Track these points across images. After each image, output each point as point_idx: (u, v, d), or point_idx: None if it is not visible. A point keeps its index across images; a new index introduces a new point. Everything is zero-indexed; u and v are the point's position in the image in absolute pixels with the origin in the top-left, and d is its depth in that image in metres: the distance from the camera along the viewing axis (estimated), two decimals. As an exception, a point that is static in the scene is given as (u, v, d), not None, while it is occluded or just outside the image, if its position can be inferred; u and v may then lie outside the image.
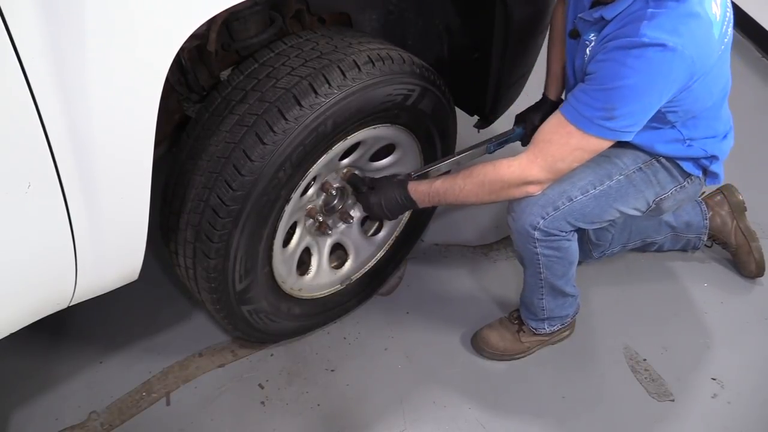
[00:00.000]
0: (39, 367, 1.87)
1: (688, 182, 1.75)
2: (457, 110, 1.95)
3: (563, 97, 1.86)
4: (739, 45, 3.26)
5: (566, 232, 1.69)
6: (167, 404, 1.82)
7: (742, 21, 3.30)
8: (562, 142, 1.51)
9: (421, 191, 1.71)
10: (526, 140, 1.91)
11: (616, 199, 1.69)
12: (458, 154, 1.84)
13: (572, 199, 1.64)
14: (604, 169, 1.67)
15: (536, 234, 1.67)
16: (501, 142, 1.88)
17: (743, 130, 2.68)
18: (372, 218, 1.93)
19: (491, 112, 2.00)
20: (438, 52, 1.97)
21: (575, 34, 1.60)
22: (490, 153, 1.88)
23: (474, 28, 1.88)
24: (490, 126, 2.08)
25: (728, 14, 1.53)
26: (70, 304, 1.42)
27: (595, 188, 1.66)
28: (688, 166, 1.71)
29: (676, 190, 1.74)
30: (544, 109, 1.89)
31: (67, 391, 1.82)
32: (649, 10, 1.39)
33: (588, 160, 1.55)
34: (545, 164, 1.54)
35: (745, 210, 2.20)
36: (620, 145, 1.63)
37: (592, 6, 1.52)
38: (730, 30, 1.54)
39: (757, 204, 2.29)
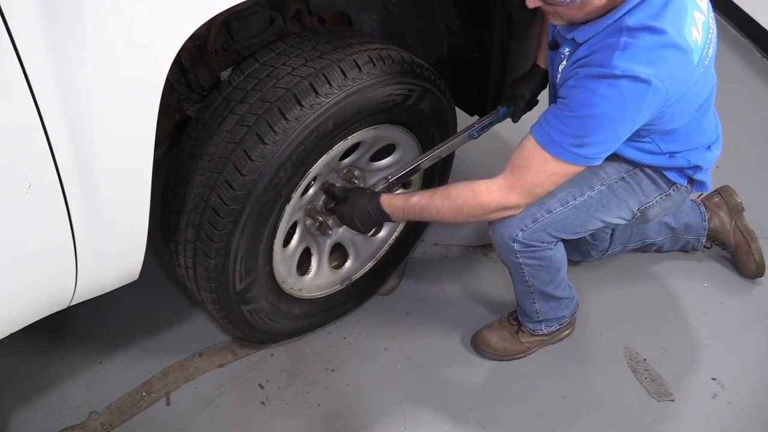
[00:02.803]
0: (39, 367, 1.87)
1: (673, 190, 1.73)
2: (457, 110, 1.95)
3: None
4: (739, 45, 3.26)
5: (547, 243, 1.68)
6: (167, 404, 1.82)
7: (742, 21, 3.29)
8: (538, 169, 1.50)
9: (395, 206, 1.66)
10: (516, 117, 1.86)
11: (598, 210, 1.68)
12: (438, 148, 1.79)
13: (551, 211, 1.64)
14: (586, 179, 1.66)
15: (515, 246, 1.67)
16: (485, 126, 1.83)
17: (743, 130, 2.70)
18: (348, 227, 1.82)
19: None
20: (438, 52, 1.97)
21: (555, 45, 1.59)
22: (474, 138, 1.84)
23: (474, 28, 1.88)
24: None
25: (711, 34, 1.50)
26: (70, 304, 1.42)
27: (575, 199, 1.66)
28: (672, 176, 1.69)
29: (661, 198, 1.73)
30: (535, 78, 1.83)
31: (67, 391, 1.82)
32: (623, 39, 1.36)
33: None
34: (523, 191, 1.54)
35: (743, 211, 2.19)
36: None
37: (571, 26, 1.50)
38: (712, 49, 1.52)
39: (758, 204, 2.29)
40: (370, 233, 2.00)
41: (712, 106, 1.67)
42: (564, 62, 1.52)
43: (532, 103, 1.89)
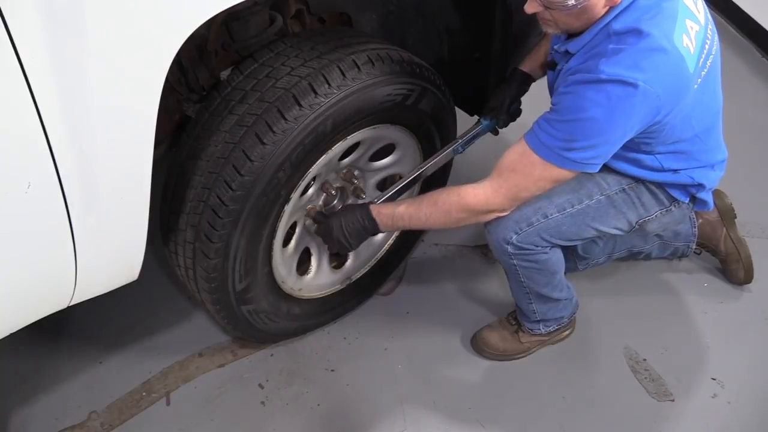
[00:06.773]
0: (39, 367, 1.87)
1: (674, 206, 1.71)
2: (457, 110, 1.95)
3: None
4: (739, 45, 3.26)
5: (541, 247, 1.68)
6: (167, 404, 1.82)
7: (742, 21, 3.30)
8: (526, 172, 1.50)
9: (384, 214, 1.66)
10: (503, 122, 1.84)
11: (594, 219, 1.67)
12: (423, 166, 1.81)
13: (547, 216, 1.64)
14: (585, 188, 1.66)
15: (509, 248, 1.67)
16: (469, 140, 1.84)
17: (743, 130, 2.70)
18: (331, 250, 1.79)
19: (491, 112, 2.00)
20: (438, 52, 1.97)
21: (553, 65, 1.60)
22: (459, 153, 1.85)
23: (474, 28, 1.87)
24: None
25: (707, 47, 1.48)
26: (70, 304, 1.42)
27: (572, 207, 1.65)
28: (675, 192, 1.68)
29: (661, 213, 1.71)
30: (514, 83, 1.81)
31: (67, 391, 1.83)
32: (610, 46, 1.37)
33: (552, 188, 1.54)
34: (509, 193, 1.54)
35: (735, 217, 2.16)
36: (606, 165, 1.62)
37: (567, 39, 1.50)
38: (711, 61, 1.50)
39: (758, 204, 2.28)
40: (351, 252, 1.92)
41: (718, 128, 1.66)
42: (559, 76, 1.53)
43: (515, 111, 1.86)
